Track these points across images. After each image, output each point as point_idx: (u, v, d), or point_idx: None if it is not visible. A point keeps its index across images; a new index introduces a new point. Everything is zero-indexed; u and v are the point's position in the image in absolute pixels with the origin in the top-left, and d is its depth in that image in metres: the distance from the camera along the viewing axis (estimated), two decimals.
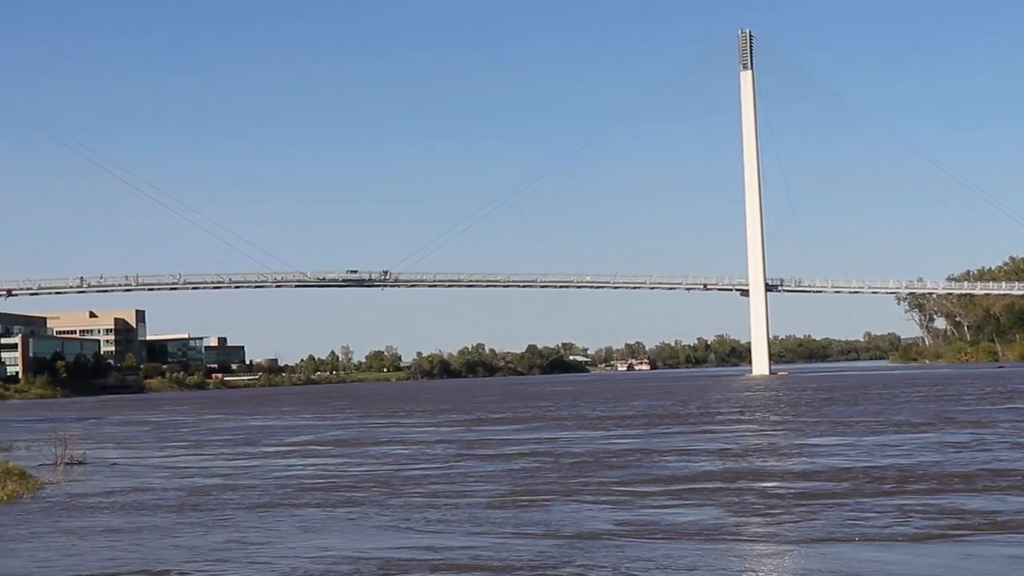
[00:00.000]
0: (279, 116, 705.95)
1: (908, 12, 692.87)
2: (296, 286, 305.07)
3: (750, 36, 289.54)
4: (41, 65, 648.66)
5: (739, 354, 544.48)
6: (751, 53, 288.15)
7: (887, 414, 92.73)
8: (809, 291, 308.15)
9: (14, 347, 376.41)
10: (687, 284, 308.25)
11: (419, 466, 62.65)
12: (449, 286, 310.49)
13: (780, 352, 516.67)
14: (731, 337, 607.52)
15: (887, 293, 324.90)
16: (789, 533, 33.77)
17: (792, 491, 43.54)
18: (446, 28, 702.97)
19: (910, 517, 35.85)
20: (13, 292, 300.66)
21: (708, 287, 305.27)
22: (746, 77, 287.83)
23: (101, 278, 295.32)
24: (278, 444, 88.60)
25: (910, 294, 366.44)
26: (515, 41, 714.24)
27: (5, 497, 54.33)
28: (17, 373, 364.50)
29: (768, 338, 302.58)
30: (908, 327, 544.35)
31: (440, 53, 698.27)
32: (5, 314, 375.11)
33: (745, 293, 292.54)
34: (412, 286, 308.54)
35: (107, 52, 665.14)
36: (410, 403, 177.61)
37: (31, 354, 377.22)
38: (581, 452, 67.51)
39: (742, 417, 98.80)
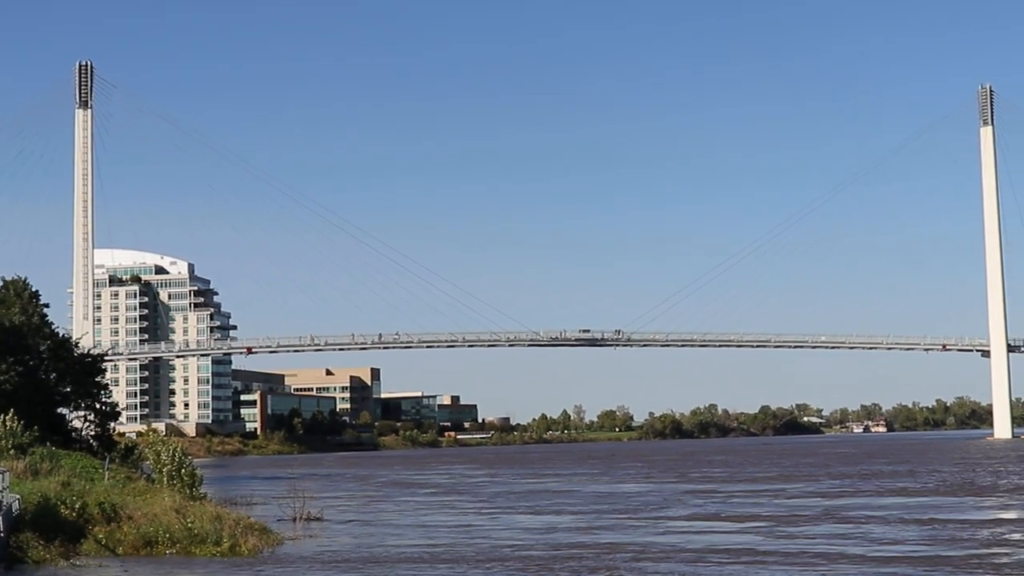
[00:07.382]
0: (512, 180, 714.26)
1: None
2: (528, 345, 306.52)
3: (990, 91, 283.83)
4: (280, 125, 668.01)
5: (979, 417, 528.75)
6: (991, 109, 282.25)
7: None
8: None
9: (253, 403, 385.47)
10: (925, 344, 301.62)
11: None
12: (682, 346, 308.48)
13: (1023, 415, 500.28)
14: (971, 399, 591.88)
15: None
16: None
17: None
18: (667, 93, 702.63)
19: None
20: (253, 350, 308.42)
21: (947, 347, 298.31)
22: (986, 133, 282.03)
23: (342, 337, 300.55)
24: (671, 517, 78.90)
25: None
26: (747, 102, 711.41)
27: (247, 551, 55.22)
28: (255, 429, 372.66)
29: (1011, 400, 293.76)
30: None
31: (670, 119, 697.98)
32: (245, 371, 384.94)
33: (986, 354, 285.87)
34: (645, 346, 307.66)
35: (343, 116, 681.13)
36: (705, 468, 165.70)
37: (269, 411, 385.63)
38: None
39: None
